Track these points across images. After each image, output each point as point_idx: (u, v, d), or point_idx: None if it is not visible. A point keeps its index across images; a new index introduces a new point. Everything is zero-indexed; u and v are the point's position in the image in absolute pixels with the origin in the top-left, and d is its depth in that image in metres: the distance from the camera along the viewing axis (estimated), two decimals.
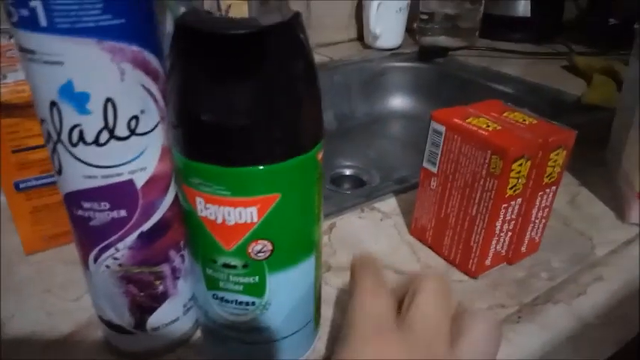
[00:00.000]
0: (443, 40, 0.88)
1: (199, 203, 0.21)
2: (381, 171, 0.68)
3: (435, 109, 0.35)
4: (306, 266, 0.24)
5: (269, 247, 0.21)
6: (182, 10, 0.76)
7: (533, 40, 0.90)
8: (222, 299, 0.23)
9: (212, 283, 0.23)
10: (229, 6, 0.72)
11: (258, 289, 0.22)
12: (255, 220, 0.21)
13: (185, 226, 0.23)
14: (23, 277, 0.34)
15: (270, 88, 0.19)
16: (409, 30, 0.90)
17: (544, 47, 0.88)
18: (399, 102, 0.82)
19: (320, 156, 0.22)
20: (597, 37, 0.86)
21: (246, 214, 0.20)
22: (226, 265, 0.22)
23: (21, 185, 0.33)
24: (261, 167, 0.20)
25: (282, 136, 0.20)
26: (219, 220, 0.21)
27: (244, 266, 0.22)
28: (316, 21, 0.82)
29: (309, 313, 0.26)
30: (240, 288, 0.22)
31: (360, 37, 0.90)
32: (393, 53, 0.85)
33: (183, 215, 0.23)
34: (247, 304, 0.23)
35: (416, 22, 0.90)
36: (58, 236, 0.36)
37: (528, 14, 0.90)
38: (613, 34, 0.85)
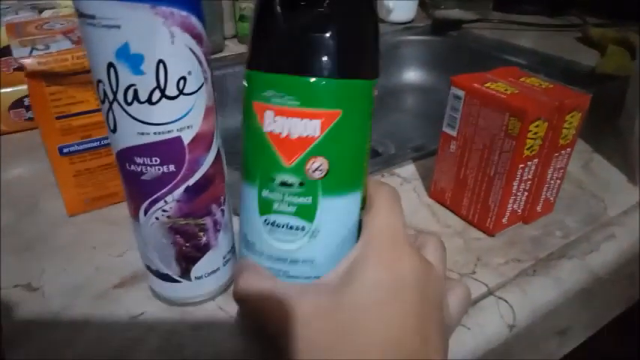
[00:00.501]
0: (456, 13, 0.88)
1: (267, 117, 0.23)
2: (396, 141, 0.70)
3: (454, 76, 0.37)
4: (354, 200, 0.25)
5: (325, 165, 0.23)
6: None
7: (546, 12, 0.90)
8: (273, 224, 0.24)
9: (266, 207, 0.24)
10: None
11: (309, 212, 0.24)
12: (317, 134, 0.23)
13: (245, 151, 0.25)
14: (69, 237, 0.36)
15: (347, 9, 0.22)
16: (422, 3, 0.91)
17: (558, 19, 0.88)
18: (412, 75, 0.83)
19: (375, 92, 0.24)
20: (611, 9, 0.86)
21: (310, 126, 0.23)
22: (283, 184, 0.24)
23: (64, 150, 0.35)
24: (329, 80, 0.22)
25: (352, 55, 0.23)
26: (285, 133, 0.23)
27: (300, 184, 0.23)
28: None
29: None
30: (293, 209, 0.24)
31: None
32: (407, 27, 0.86)
33: (245, 139, 0.25)
34: (297, 228, 0.24)
35: None
36: (98, 199, 0.38)
37: None
38: (627, 5, 0.85)
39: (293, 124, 0.23)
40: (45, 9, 0.49)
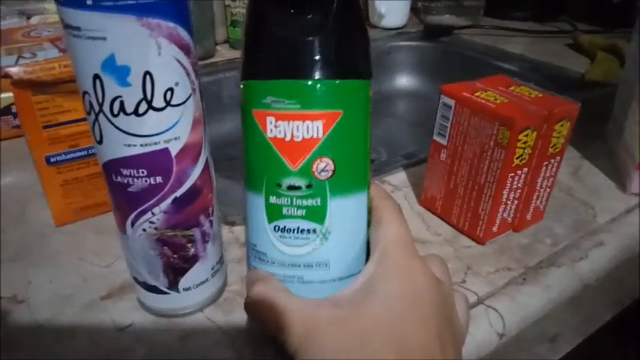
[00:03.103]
0: (447, 19, 0.89)
1: (269, 123, 0.23)
2: (388, 148, 0.70)
3: (445, 84, 0.37)
4: (361, 200, 0.25)
5: (331, 165, 0.24)
6: None
7: (537, 19, 0.91)
8: (283, 230, 0.24)
9: (274, 213, 0.24)
10: None
11: (319, 213, 0.24)
12: (321, 135, 0.23)
13: (249, 159, 0.25)
14: (57, 247, 0.36)
15: (341, 12, 0.23)
16: (414, 9, 0.91)
17: (548, 26, 0.88)
18: (404, 81, 0.84)
19: (371, 93, 0.25)
20: (601, 16, 0.87)
21: (313, 128, 0.23)
22: (291, 187, 0.24)
23: (52, 159, 0.35)
24: (327, 81, 0.23)
25: (345, 57, 0.23)
26: (288, 137, 0.23)
27: (308, 186, 0.24)
28: None
29: (362, 258, 0.26)
30: (303, 212, 0.24)
31: (366, 17, 0.91)
32: (399, 32, 0.86)
33: (247, 148, 0.25)
34: (309, 231, 0.24)
35: (420, 1, 0.90)
36: (86, 208, 0.38)
37: None
38: (616, 12, 0.86)
39: (295, 127, 0.23)
40: (33, 15, 0.49)
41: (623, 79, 0.50)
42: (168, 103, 0.23)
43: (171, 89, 0.23)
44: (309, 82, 0.23)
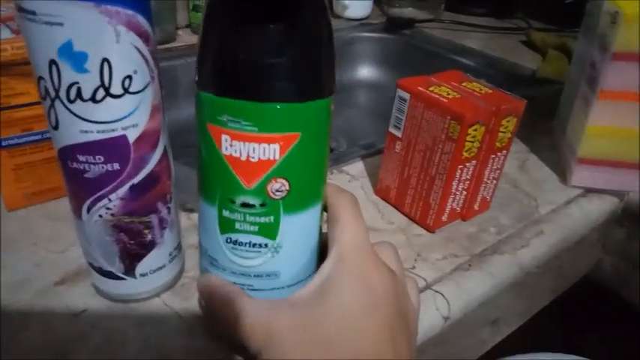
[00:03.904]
0: (410, 12, 0.90)
1: (225, 141, 0.22)
2: (348, 138, 0.71)
3: (401, 78, 0.38)
4: (314, 213, 0.25)
5: (286, 186, 0.23)
6: None
7: (494, 15, 0.94)
8: (235, 242, 0.24)
9: (227, 226, 0.24)
10: None
11: (271, 230, 0.24)
12: (277, 157, 0.22)
13: (202, 169, 0.24)
14: (9, 232, 0.35)
15: (301, 30, 0.22)
16: (377, 1, 0.92)
17: (504, 22, 0.92)
18: (366, 71, 0.85)
19: (332, 107, 0.24)
20: (554, 15, 0.90)
21: (270, 150, 0.22)
22: (245, 205, 0.23)
23: (4, 143, 0.34)
24: (287, 104, 0.22)
25: (306, 79, 0.22)
26: (244, 157, 0.22)
27: (262, 205, 0.23)
28: None
29: (313, 264, 0.27)
30: (256, 229, 0.24)
31: (330, 7, 0.91)
32: (362, 23, 0.87)
33: (202, 157, 0.24)
34: (260, 245, 0.24)
35: None
36: (39, 193, 0.37)
37: None
38: (568, 11, 0.90)
39: (252, 148, 0.22)
40: None
41: (568, 78, 0.53)
42: (126, 91, 0.23)
43: (129, 77, 0.23)
44: (268, 105, 0.22)
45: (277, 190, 0.23)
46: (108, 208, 0.26)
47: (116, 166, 0.25)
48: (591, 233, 0.45)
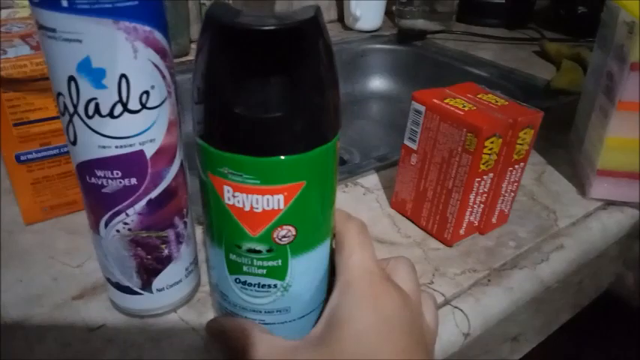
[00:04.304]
0: (421, 24, 0.90)
1: (227, 192, 0.22)
2: (361, 150, 0.71)
3: (413, 90, 0.38)
4: (323, 248, 0.25)
5: (293, 232, 0.23)
6: None
7: (507, 26, 0.94)
8: (244, 283, 0.24)
9: (235, 268, 0.24)
10: None
11: (280, 272, 0.24)
12: (282, 206, 0.22)
13: (207, 212, 0.24)
14: (26, 246, 0.35)
15: (301, 85, 0.21)
16: (388, 13, 0.92)
17: (517, 33, 0.91)
18: (378, 83, 0.85)
19: (338, 144, 0.23)
20: (567, 25, 0.90)
21: (274, 201, 0.22)
22: (251, 250, 0.23)
23: (22, 157, 0.35)
24: (290, 157, 0.21)
25: (309, 129, 0.21)
26: (247, 208, 0.22)
27: (269, 251, 0.23)
28: (298, 3, 0.83)
29: (323, 293, 0.27)
30: (264, 272, 0.24)
31: (341, 19, 0.92)
32: (373, 35, 0.87)
33: (206, 202, 0.24)
34: (269, 286, 0.24)
35: (395, 5, 0.92)
36: (57, 207, 0.37)
37: (503, 0, 0.93)
38: (581, 21, 0.89)
39: (255, 199, 0.22)
40: (2, 8, 0.48)
41: (584, 89, 0.53)
42: (143, 106, 0.24)
43: (146, 92, 0.23)
44: (270, 159, 0.21)
45: (284, 237, 0.23)
46: (125, 223, 0.26)
47: (133, 181, 0.25)
48: (612, 247, 0.44)
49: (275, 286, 0.24)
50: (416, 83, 0.80)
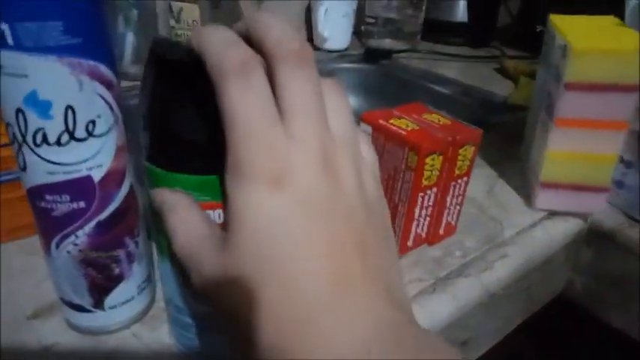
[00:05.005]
0: (387, 43, 0.94)
1: None
2: None
3: (379, 107, 0.40)
4: None
5: None
6: (134, 13, 0.77)
7: (469, 44, 0.98)
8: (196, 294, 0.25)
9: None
10: (181, 9, 0.76)
11: None
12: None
13: (157, 230, 0.25)
14: None
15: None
16: (356, 33, 0.96)
17: (479, 51, 0.95)
18: None
19: None
20: (526, 43, 0.94)
21: (215, 215, 0.23)
22: None
23: None
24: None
25: None
26: None
27: None
28: None
29: None
30: None
31: (310, 39, 0.95)
32: (341, 55, 0.90)
33: (153, 218, 0.25)
34: None
35: (362, 26, 0.95)
36: (15, 229, 0.38)
37: (466, 19, 0.97)
38: (540, 39, 0.93)
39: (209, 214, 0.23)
40: None
41: (531, 105, 0.56)
42: (90, 134, 0.25)
43: (93, 121, 0.25)
44: (219, 177, 0.21)
45: None
46: (75, 244, 0.27)
47: (82, 204, 0.26)
48: (558, 254, 0.46)
49: None
50: (382, 100, 0.83)
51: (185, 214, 0.21)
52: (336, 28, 0.89)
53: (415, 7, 0.92)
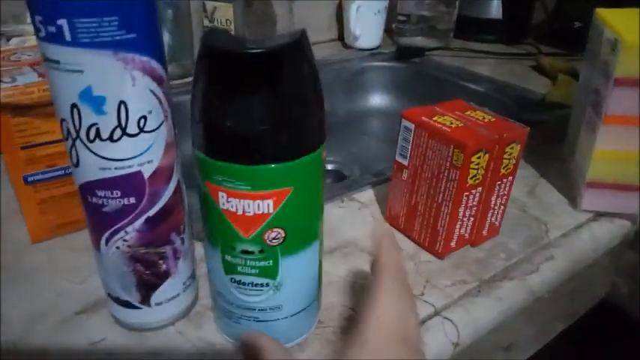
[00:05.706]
0: (419, 41, 0.92)
1: (221, 197, 0.24)
2: (360, 165, 0.72)
3: (412, 106, 0.39)
4: (312, 250, 0.27)
5: (282, 234, 0.25)
6: (169, 12, 0.78)
7: (504, 41, 0.95)
8: (239, 282, 0.26)
9: (230, 269, 0.26)
10: (215, 8, 0.77)
11: (271, 272, 0.26)
12: (272, 210, 0.24)
13: (205, 218, 0.26)
14: (32, 264, 0.37)
15: (284, 102, 0.23)
16: (388, 31, 0.94)
17: (514, 48, 0.93)
18: (377, 100, 0.87)
19: (324, 154, 0.26)
20: (563, 39, 0.91)
21: (264, 205, 0.24)
22: (244, 252, 0.25)
23: (29, 179, 0.36)
24: (277, 165, 0.23)
25: (294, 140, 0.24)
26: (240, 212, 0.24)
27: (260, 251, 0.25)
28: (299, 22, 0.86)
29: (313, 293, 0.29)
30: (256, 271, 0.26)
31: (341, 38, 0.94)
32: (372, 53, 0.89)
33: (204, 208, 0.26)
34: (262, 285, 0.26)
35: (394, 24, 0.94)
36: (62, 226, 0.39)
37: (500, 16, 0.95)
38: (577, 36, 0.90)
39: (246, 204, 0.24)
40: (13, 36, 0.50)
41: (575, 103, 0.54)
42: (141, 130, 0.25)
43: (144, 117, 0.25)
44: (259, 168, 0.23)
45: (274, 238, 0.25)
46: (124, 240, 0.27)
47: (132, 200, 0.26)
48: (603, 257, 0.44)
49: (267, 284, 0.26)
50: (414, 99, 0.82)
51: None
52: (367, 26, 0.88)
53: (448, 4, 0.91)
